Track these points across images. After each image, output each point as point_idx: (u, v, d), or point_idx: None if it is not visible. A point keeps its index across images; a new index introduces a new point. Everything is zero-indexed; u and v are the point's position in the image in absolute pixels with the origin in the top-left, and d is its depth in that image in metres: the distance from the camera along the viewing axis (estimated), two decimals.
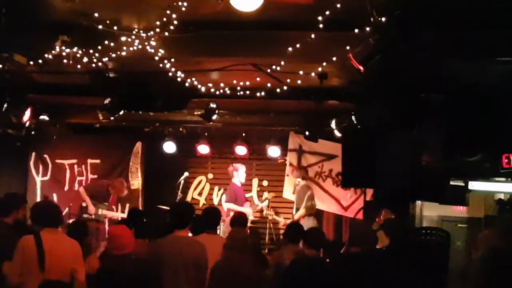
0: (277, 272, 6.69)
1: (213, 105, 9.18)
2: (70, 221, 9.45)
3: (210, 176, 12.32)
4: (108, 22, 6.63)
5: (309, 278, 5.88)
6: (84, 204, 10.47)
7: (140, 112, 9.78)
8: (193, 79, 8.11)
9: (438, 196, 7.14)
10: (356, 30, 6.05)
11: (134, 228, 6.60)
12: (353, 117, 8.22)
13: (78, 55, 7.23)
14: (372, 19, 5.72)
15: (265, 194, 11.08)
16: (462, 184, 7.49)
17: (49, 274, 5.42)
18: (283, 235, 8.13)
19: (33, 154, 11.95)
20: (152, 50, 7.00)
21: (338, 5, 5.63)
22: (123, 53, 7.06)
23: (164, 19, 6.37)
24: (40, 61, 7.35)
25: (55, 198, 11.58)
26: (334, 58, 6.89)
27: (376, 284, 5.62)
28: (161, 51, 7.05)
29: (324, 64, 7.16)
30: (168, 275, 5.79)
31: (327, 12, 5.83)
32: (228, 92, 8.46)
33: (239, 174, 10.96)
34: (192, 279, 5.86)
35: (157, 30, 6.61)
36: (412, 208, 9.49)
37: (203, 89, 8.37)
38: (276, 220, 10.93)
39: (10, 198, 6.89)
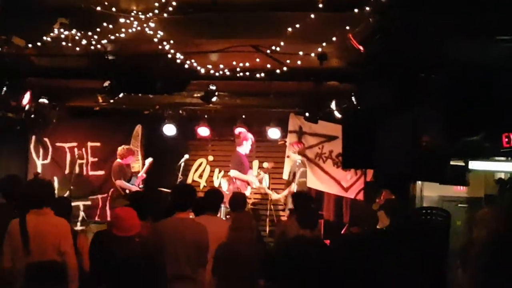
0: (281, 241, 6.72)
1: (212, 87, 9.16)
2: None
3: (211, 158, 12.32)
4: (106, 3, 6.60)
5: (304, 258, 5.93)
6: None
7: (140, 94, 9.77)
8: (193, 61, 8.08)
9: (439, 176, 7.14)
10: (356, 10, 6.02)
11: (136, 210, 6.60)
12: (353, 98, 8.20)
13: (76, 38, 7.20)
14: None
15: (262, 174, 11.05)
16: (462, 164, 7.49)
17: (34, 257, 5.42)
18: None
19: (33, 137, 11.94)
20: (151, 32, 6.98)
21: None
22: (122, 35, 7.04)
23: (163, 0, 6.34)
24: (38, 43, 7.32)
25: (55, 181, 11.58)
26: (334, 39, 6.87)
27: (376, 264, 5.65)
28: (160, 33, 7.03)
29: (324, 44, 7.13)
30: (170, 257, 5.82)
31: None
32: (227, 73, 8.44)
33: (247, 144, 10.88)
34: (194, 261, 5.89)
35: (156, 11, 6.59)
36: (412, 188, 9.53)
37: (202, 71, 8.35)
38: (277, 198, 10.93)
39: (9, 180, 6.87)
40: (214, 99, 9.42)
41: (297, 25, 6.48)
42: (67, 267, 5.49)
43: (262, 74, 8.37)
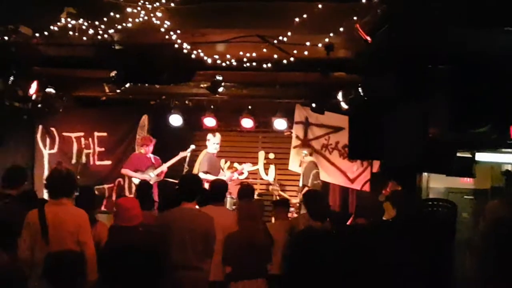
0: (290, 237, 6.77)
1: (219, 78, 9.14)
2: None
3: None
4: None
5: (314, 250, 5.94)
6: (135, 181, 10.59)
7: (146, 84, 9.76)
8: (199, 51, 8.06)
9: (445, 168, 7.14)
10: (364, 0, 6.00)
11: (143, 200, 6.63)
12: (360, 89, 8.18)
13: (83, 27, 7.20)
14: None
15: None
16: (469, 155, 7.48)
17: (53, 247, 5.45)
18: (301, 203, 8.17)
19: (40, 127, 11.95)
20: (158, 22, 6.98)
21: None
22: (129, 25, 7.03)
23: None
24: (46, 33, 7.33)
25: None
26: (341, 29, 6.85)
27: (382, 255, 5.65)
28: (167, 22, 7.02)
29: (331, 35, 7.11)
30: (177, 247, 5.84)
31: None
32: (234, 64, 8.41)
33: (211, 143, 10.89)
34: (200, 251, 5.93)
35: (163, 1, 6.58)
36: (419, 180, 9.51)
37: (209, 61, 8.32)
38: (282, 196, 10.92)
39: (15, 172, 6.89)
40: (220, 89, 9.41)
41: (304, 15, 6.46)
42: (85, 257, 5.51)
43: (269, 65, 8.33)
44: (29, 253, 5.52)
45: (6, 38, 7.51)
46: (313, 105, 10.04)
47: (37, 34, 7.41)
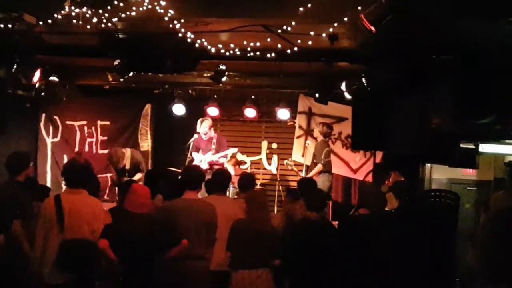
0: (287, 224, 6.78)
1: (222, 67, 9.14)
2: None
3: None
4: None
5: (311, 240, 5.95)
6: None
7: (150, 73, 9.76)
8: (203, 40, 8.06)
9: (448, 158, 7.13)
10: None
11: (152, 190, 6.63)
12: (363, 79, 8.17)
13: (87, 16, 7.20)
14: None
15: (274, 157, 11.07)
16: (472, 146, 7.48)
17: (68, 234, 5.49)
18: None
19: (43, 115, 11.98)
20: (162, 11, 6.97)
21: None
22: (133, 14, 7.03)
23: None
24: (49, 21, 7.33)
25: (65, 159, 11.64)
26: (345, 19, 6.83)
27: (384, 246, 5.66)
28: (171, 11, 7.01)
29: (335, 25, 7.10)
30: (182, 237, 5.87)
31: None
32: (238, 53, 8.40)
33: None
34: (204, 240, 5.96)
35: None
36: (422, 170, 9.51)
37: (213, 50, 8.31)
38: (295, 171, 10.84)
39: (20, 157, 6.89)
40: (224, 79, 9.40)
41: (309, 5, 6.44)
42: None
43: (273, 54, 8.32)
44: (43, 241, 5.56)
45: (9, 26, 7.50)
46: (317, 95, 10.03)
47: (40, 22, 7.42)
